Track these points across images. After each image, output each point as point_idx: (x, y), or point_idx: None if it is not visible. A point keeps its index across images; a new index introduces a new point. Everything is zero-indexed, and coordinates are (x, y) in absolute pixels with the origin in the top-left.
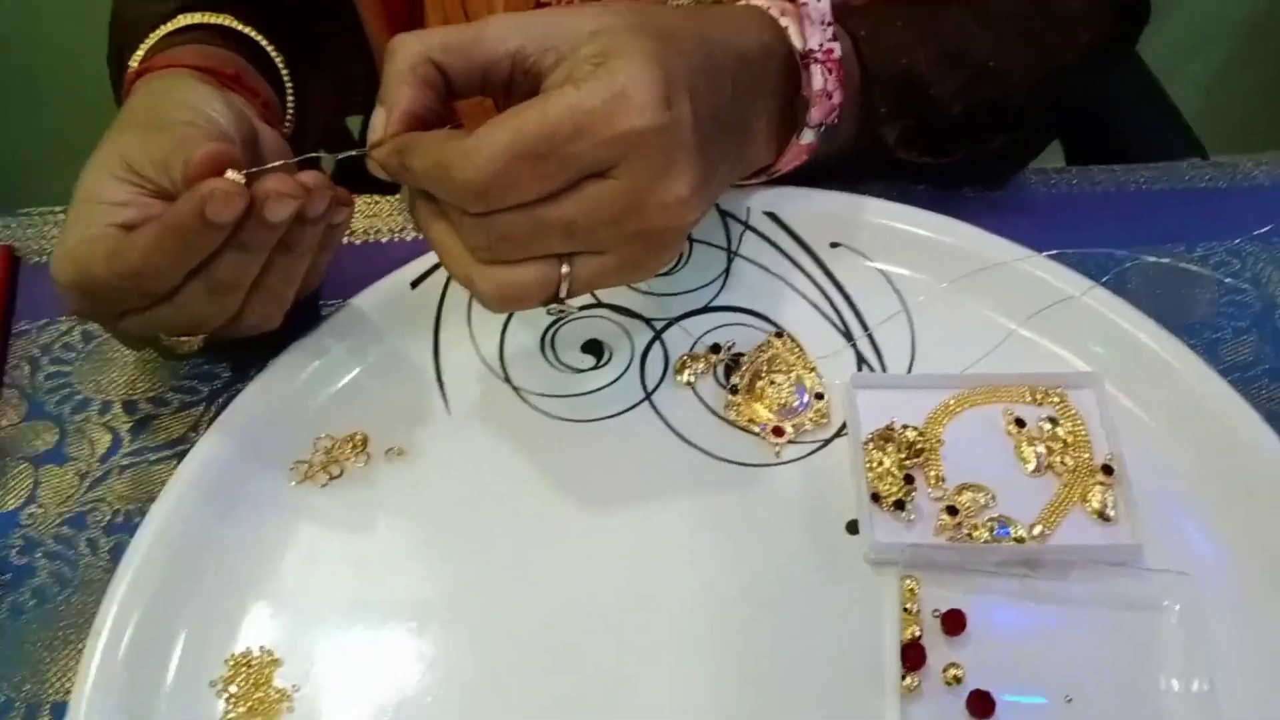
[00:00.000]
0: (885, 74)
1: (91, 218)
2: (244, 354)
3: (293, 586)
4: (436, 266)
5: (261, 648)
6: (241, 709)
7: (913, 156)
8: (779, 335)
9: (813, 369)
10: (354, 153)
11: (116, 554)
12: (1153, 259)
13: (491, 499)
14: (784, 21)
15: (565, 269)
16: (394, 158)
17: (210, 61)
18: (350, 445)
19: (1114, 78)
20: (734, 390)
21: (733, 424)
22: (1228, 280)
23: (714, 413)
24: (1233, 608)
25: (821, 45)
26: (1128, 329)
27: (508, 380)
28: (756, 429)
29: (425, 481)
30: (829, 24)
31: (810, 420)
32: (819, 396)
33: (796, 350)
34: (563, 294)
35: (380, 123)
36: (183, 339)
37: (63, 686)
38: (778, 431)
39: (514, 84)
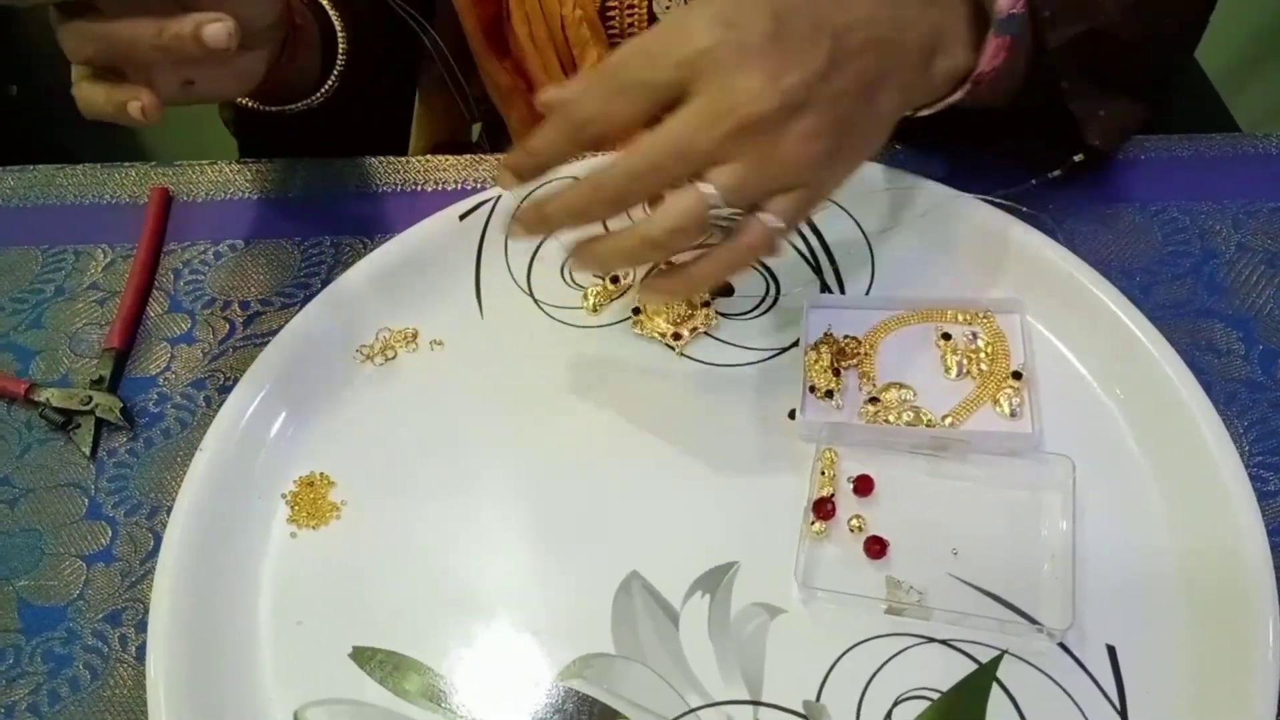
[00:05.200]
0: None
1: None
2: None
3: (348, 432)
4: (481, 204)
5: (321, 473)
6: (302, 514)
7: (1075, 79)
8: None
9: None
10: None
11: None
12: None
13: (509, 381)
14: None
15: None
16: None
17: None
18: (403, 336)
19: None
20: (635, 311)
21: (639, 336)
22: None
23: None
24: (1107, 489)
25: None
26: (1053, 261)
27: (530, 293)
28: (659, 337)
29: (458, 366)
30: None
31: (700, 322)
32: (705, 304)
33: None
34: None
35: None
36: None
37: (174, 497)
38: (676, 336)
39: None
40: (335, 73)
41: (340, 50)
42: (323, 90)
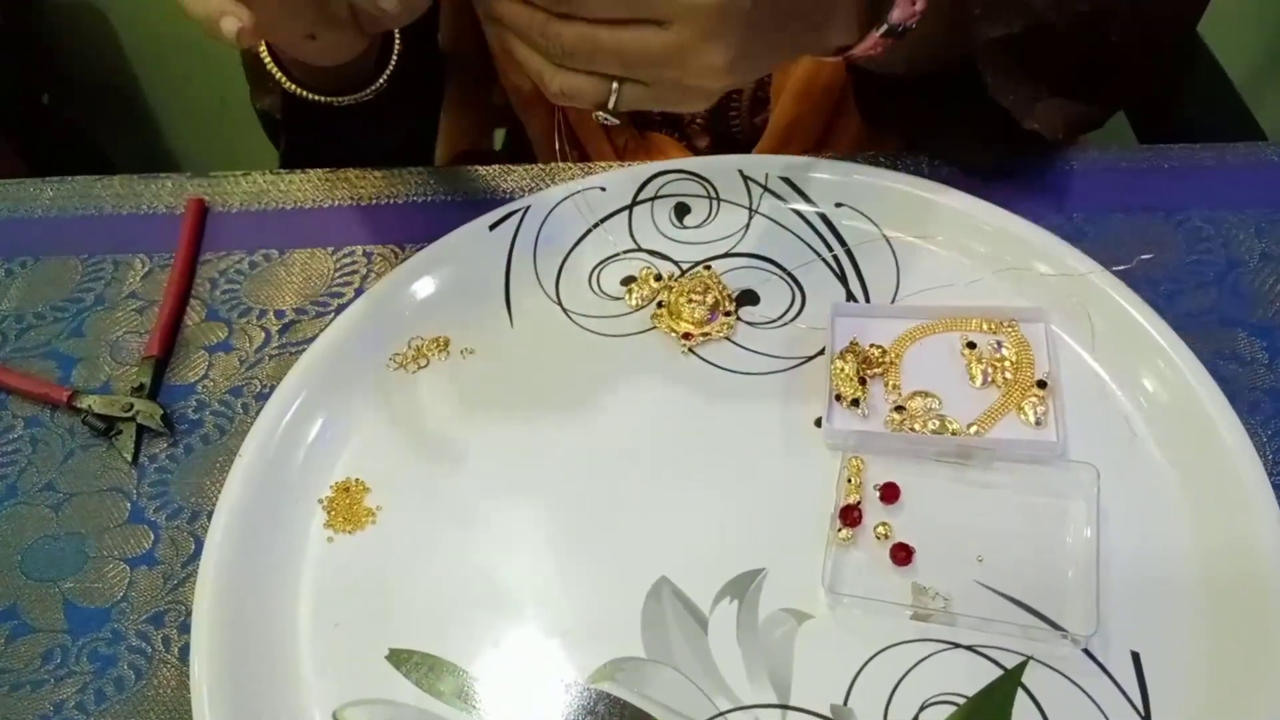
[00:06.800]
0: None
1: None
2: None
3: (382, 439)
4: (511, 214)
5: (357, 479)
6: (338, 519)
7: (1000, 75)
8: (706, 268)
9: (729, 295)
10: None
11: None
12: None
13: (539, 388)
14: None
15: (615, 86)
16: None
17: None
18: (435, 344)
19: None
20: (659, 305)
21: (654, 329)
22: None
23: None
24: (1131, 497)
25: None
26: (1078, 270)
27: (559, 303)
28: (672, 334)
29: (489, 373)
30: None
31: (715, 330)
32: (726, 314)
33: (716, 279)
34: (610, 105)
35: None
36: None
37: (214, 501)
38: (687, 336)
39: None
40: (389, 70)
41: (395, 49)
42: (374, 87)
